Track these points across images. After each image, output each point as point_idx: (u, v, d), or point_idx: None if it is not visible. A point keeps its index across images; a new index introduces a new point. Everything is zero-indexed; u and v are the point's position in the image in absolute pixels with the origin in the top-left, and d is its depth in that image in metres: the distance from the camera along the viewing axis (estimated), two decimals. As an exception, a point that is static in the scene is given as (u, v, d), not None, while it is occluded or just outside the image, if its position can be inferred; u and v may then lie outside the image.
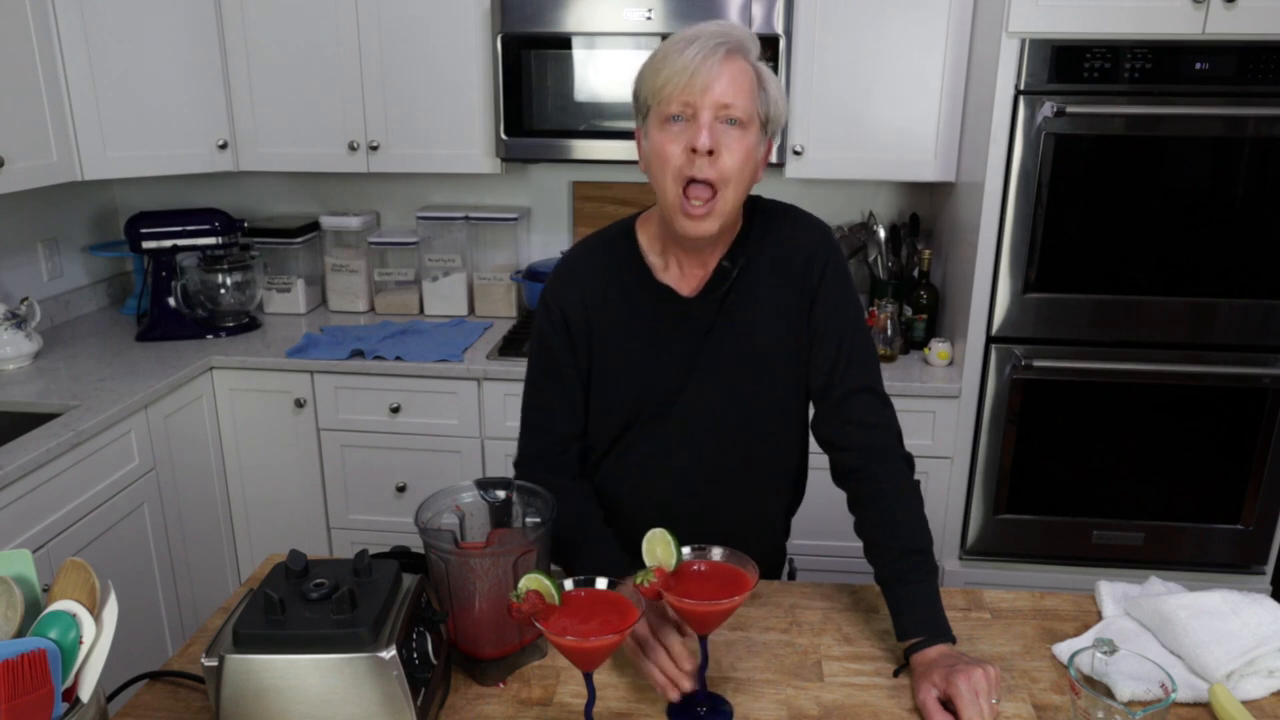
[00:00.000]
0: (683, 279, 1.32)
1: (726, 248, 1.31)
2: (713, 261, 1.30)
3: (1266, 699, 1.13)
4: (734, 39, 1.17)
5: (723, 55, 1.15)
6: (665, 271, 1.32)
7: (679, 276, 1.32)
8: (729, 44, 1.16)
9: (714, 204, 1.19)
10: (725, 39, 1.16)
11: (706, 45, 1.15)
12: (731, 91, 1.16)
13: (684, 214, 1.20)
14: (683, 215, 1.20)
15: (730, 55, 1.16)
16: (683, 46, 1.16)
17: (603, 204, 2.86)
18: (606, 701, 1.13)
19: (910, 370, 2.42)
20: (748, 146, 1.19)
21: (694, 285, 1.31)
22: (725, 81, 1.15)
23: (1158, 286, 2.23)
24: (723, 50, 1.15)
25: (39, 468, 1.88)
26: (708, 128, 1.16)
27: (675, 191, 1.19)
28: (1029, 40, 2.12)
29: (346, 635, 0.96)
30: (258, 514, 2.62)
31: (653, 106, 1.20)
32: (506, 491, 1.21)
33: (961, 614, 1.31)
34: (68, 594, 0.92)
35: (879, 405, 1.32)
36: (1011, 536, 2.44)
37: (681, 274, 1.32)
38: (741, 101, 1.17)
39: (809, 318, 1.31)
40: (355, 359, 2.46)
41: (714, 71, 1.14)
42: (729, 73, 1.16)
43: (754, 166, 1.22)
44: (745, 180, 1.21)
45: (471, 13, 2.48)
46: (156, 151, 2.52)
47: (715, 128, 1.16)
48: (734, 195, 1.20)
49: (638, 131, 1.26)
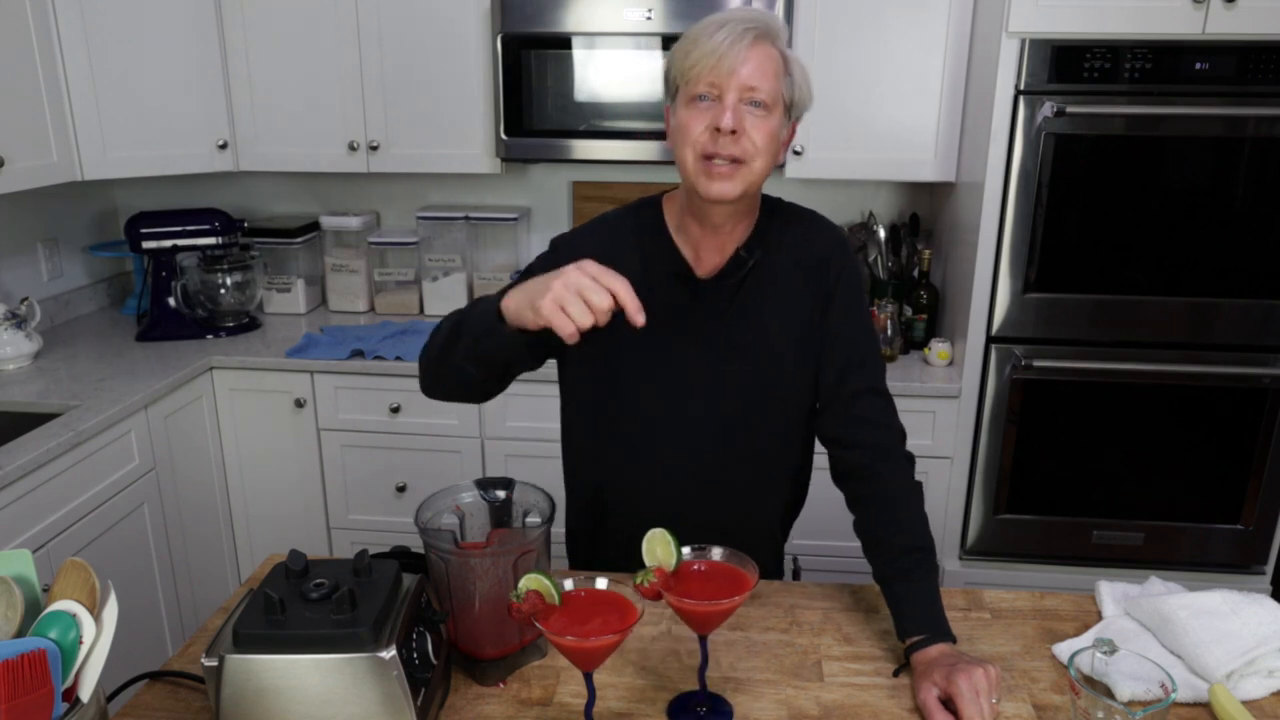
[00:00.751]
0: (699, 261, 1.33)
1: (744, 237, 1.32)
2: (730, 248, 1.32)
3: (1266, 699, 1.13)
4: (763, 24, 1.20)
5: (751, 40, 1.18)
6: (683, 251, 1.34)
7: (695, 259, 1.33)
8: (758, 29, 1.19)
9: (739, 169, 1.21)
10: (755, 24, 1.19)
11: (736, 30, 1.18)
12: (758, 75, 1.19)
13: (707, 175, 1.22)
14: (705, 177, 1.22)
15: (758, 40, 1.19)
16: (713, 30, 1.19)
17: (603, 204, 2.86)
18: (606, 701, 1.13)
19: (910, 370, 2.42)
20: (770, 128, 1.21)
21: (709, 269, 1.33)
22: (752, 65, 1.18)
23: (1158, 286, 2.23)
24: (751, 35, 1.18)
25: (39, 468, 1.88)
26: (732, 109, 1.19)
27: (695, 160, 1.22)
28: (1029, 40, 2.12)
29: (346, 635, 0.96)
30: (258, 514, 2.62)
31: (681, 86, 1.23)
32: (506, 491, 1.21)
33: (961, 614, 1.31)
34: (68, 594, 0.91)
35: (884, 406, 1.34)
36: (1011, 536, 2.44)
37: (698, 257, 1.33)
38: (766, 85, 1.20)
39: (823, 319, 1.33)
40: (355, 359, 2.46)
41: (741, 55, 1.18)
42: (756, 57, 1.19)
43: (777, 147, 1.24)
44: (769, 156, 1.23)
45: (471, 13, 2.48)
46: (156, 151, 2.52)
47: (739, 109, 1.19)
48: (759, 166, 1.22)
49: (666, 109, 1.29)
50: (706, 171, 1.22)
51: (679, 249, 1.33)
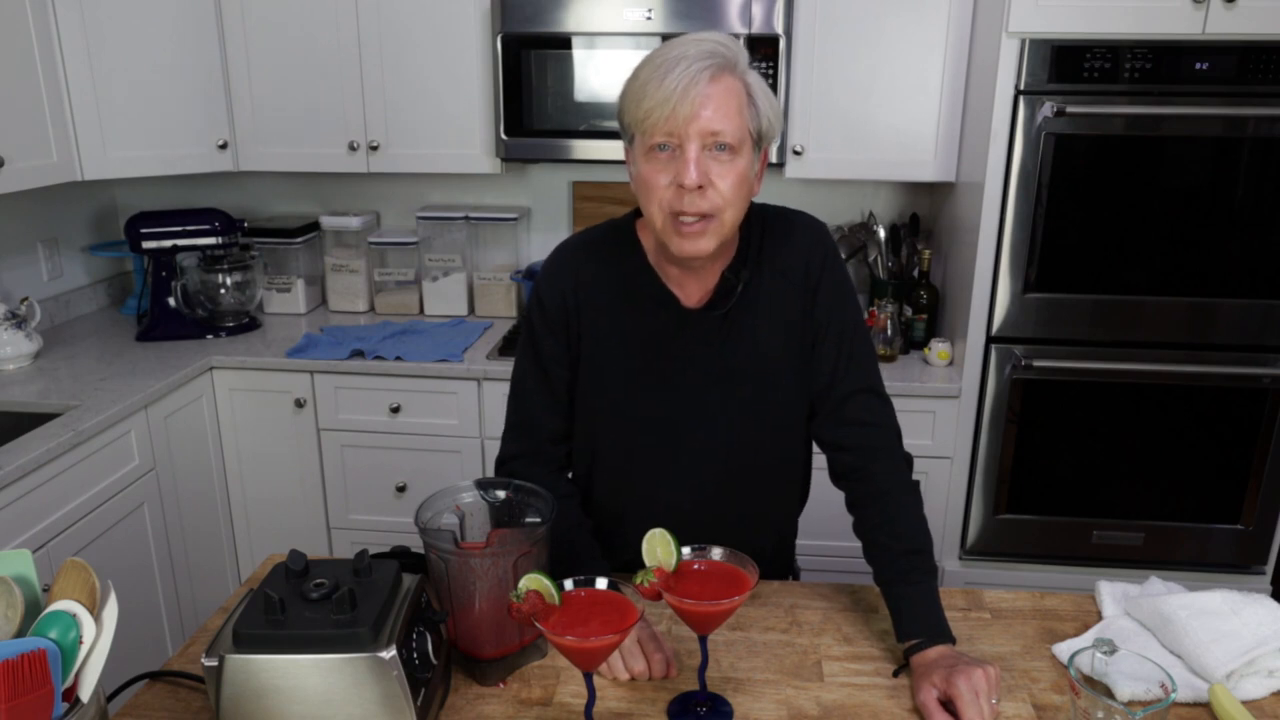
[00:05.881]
0: (684, 293, 1.28)
1: (728, 261, 1.27)
2: (712, 277, 1.27)
3: (1266, 699, 1.13)
4: (719, 56, 1.11)
5: (708, 79, 1.09)
6: (666, 282, 1.29)
7: (680, 290, 1.28)
8: (714, 63, 1.10)
9: (710, 224, 1.15)
10: (709, 59, 1.10)
11: (690, 70, 1.08)
12: (719, 117, 1.10)
13: (678, 234, 1.15)
14: (677, 236, 1.15)
15: (716, 76, 1.10)
16: (664, 73, 1.09)
17: (602, 204, 2.86)
18: (606, 701, 1.13)
19: (910, 370, 2.42)
20: (739, 171, 1.14)
21: (697, 298, 1.28)
22: (712, 107, 1.09)
23: (1158, 286, 2.23)
24: (707, 73, 1.09)
25: (39, 468, 1.88)
26: (694, 162, 1.10)
27: (664, 219, 1.16)
28: (1029, 40, 2.12)
29: (346, 635, 0.96)
30: (258, 514, 2.62)
31: (637, 135, 1.15)
32: (506, 491, 1.20)
33: (961, 614, 1.31)
34: (68, 594, 0.91)
35: (879, 405, 1.31)
36: (1011, 536, 2.44)
37: (682, 288, 1.28)
38: (730, 126, 1.11)
39: (810, 318, 1.29)
40: (355, 359, 2.46)
41: (699, 98, 1.08)
42: (716, 95, 1.09)
43: (748, 187, 1.17)
44: (741, 202, 1.17)
45: (471, 13, 2.48)
46: (156, 151, 2.52)
47: (703, 159, 1.11)
48: (732, 216, 1.16)
49: (627, 152, 1.21)
50: (677, 230, 1.15)
51: (662, 281, 1.27)
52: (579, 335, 1.31)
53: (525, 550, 1.11)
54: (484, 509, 1.20)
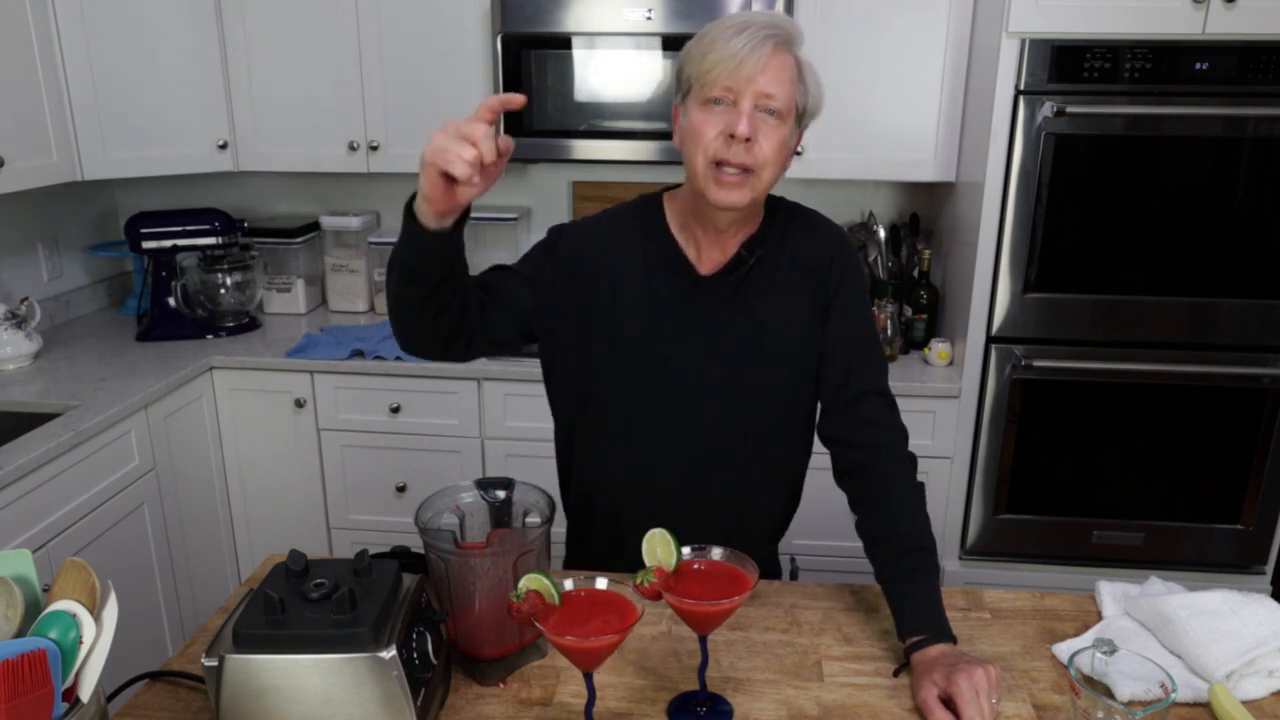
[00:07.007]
0: (700, 259, 1.33)
1: (747, 236, 1.33)
2: (731, 247, 1.32)
3: (1266, 699, 1.13)
4: (784, 31, 1.20)
5: (771, 47, 1.18)
6: (685, 249, 1.34)
7: (696, 257, 1.33)
8: (778, 36, 1.19)
9: (748, 178, 1.22)
10: (775, 31, 1.19)
11: (756, 36, 1.17)
12: (775, 83, 1.19)
13: (716, 183, 1.22)
14: (715, 185, 1.22)
15: (778, 48, 1.19)
16: (732, 34, 1.18)
17: (602, 204, 2.85)
18: (606, 701, 1.13)
19: (910, 370, 2.42)
20: (782, 137, 1.22)
21: (711, 267, 1.33)
22: (770, 73, 1.18)
23: (1158, 286, 2.23)
24: (771, 42, 1.18)
25: (39, 468, 1.88)
26: (748, 115, 1.18)
27: (707, 167, 1.22)
28: (1029, 40, 2.12)
29: (346, 635, 0.96)
30: (258, 514, 2.62)
31: (695, 87, 1.22)
32: (506, 491, 1.21)
33: (961, 614, 1.31)
34: (68, 594, 0.91)
35: (887, 406, 1.34)
36: (1011, 536, 2.44)
37: (699, 254, 1.33)
38: (783, 93, 1.20)
39: (824, 321, 1.34)
40: (355, 359, 2.46)
41: (760, 62, 1.17)
42: (774, 65, 1.19)
43: (786, 155, 1.25)
44: (778, 166, 1.23)
45: (471, 13, 2.48)
46: (156, 151, 2.52)
47: (754, 116, 1.19)
48: (769, 176, 1.23)
49: (675, 107, 1.29)
50: (716, 179, 1.22)
51: (680, 246, 1.34)
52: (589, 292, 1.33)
53: (525, 550, 1.11)
54: (484, 509, 1.20)
